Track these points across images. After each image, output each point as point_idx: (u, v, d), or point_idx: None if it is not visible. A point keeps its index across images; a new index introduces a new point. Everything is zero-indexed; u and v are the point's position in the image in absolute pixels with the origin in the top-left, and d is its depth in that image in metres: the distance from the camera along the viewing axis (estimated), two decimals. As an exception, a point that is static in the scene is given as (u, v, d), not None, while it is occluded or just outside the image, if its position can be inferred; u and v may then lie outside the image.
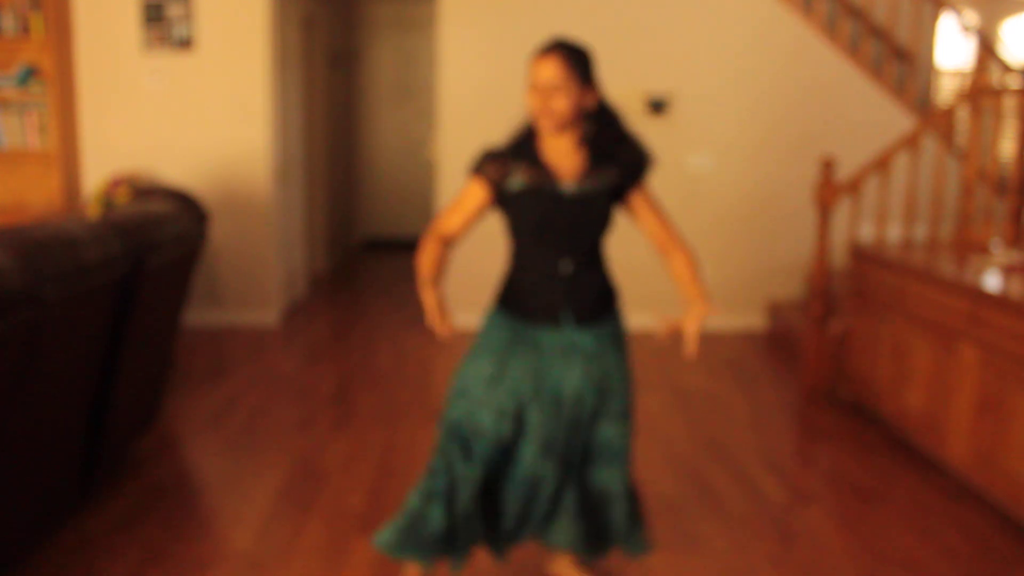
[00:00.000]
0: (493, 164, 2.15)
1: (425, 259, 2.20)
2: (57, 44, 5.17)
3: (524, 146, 2.16)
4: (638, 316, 6.01)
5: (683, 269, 2.29)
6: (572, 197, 2.13)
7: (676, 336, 2.27)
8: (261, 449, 3.62)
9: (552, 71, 2.06)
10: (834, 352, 4.35)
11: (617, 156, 2.18)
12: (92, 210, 4.78)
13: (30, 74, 5.22)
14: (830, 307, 4.49)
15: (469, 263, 5.61)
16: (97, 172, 5.43)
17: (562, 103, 2.07)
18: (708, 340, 5.47)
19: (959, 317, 3.30)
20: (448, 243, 2.27)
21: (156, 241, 3.02)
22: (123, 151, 5.42)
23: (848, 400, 4.30)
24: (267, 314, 5.63)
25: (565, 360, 2.19)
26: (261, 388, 4.39)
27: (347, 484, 3.27)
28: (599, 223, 2.18)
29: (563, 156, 2.15)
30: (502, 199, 2.17)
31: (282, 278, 5.79)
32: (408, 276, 7.42)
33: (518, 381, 2.18)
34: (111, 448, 3.08)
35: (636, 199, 2.25)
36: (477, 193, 2.19)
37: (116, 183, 4.92)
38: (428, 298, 2.13)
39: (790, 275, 5.68)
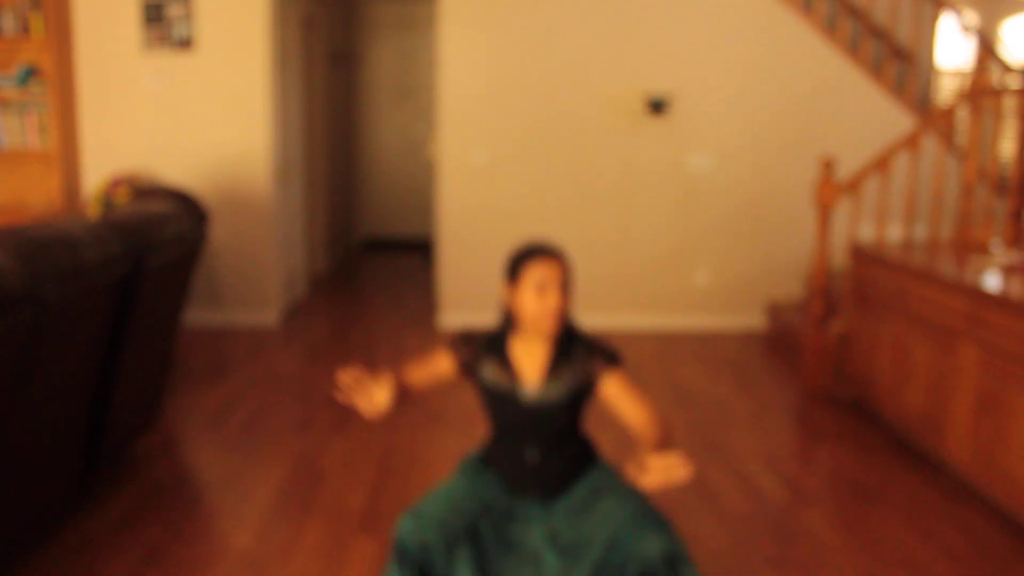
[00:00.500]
0: (468, 348, 2.16)
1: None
2: (57, 44, 5.17)
3: (497, 341, 2.14)
4: (638, 316, 6.02)
5: (654, 429, 2.04)
6: (533, 404, 2.09)
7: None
8: (261, 449, 3.62)
9: (557, 272, 2.05)
10: (834, 352, 4.35)
11: (577, 353, 2.10)
12: (92, 210, 4.78)
13: (30, 74, 5.22)
14: (830, 307, 4.49)
15: (460, 264, 5.63)
16: (97, 172, 5.43)
17: (566, 304, 2.07)
18: (708, 340, 5.48)
19: (959, 317, 3.30)
20: (405, 391, 2.16)
21: (156, 241, 3.02)
22: (123, 151, 5.43)
23: (848, 400, 4.30)
24: (267, 314, 5.63)
25: (546, 527, 2.06)
26: (261, 388, 4.39)
27: (347, 484, 3.27)
28: (562, 422, 2.11)
29: (533, 355, 2.12)
30: (473, 377, 2.18)
31: (282, 278, 5.80)
32: (408, 276, 7.43)
33: (474, 505, 2.05)
34: (111, 448, 3.08)
35: (609, 386, 2.09)
36: (445, 364, 2.20)
37: (116, 183, 4.92)
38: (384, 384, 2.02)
39: (790, 275, 5.68)
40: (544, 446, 2.11)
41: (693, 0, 5.47)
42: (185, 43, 5.31)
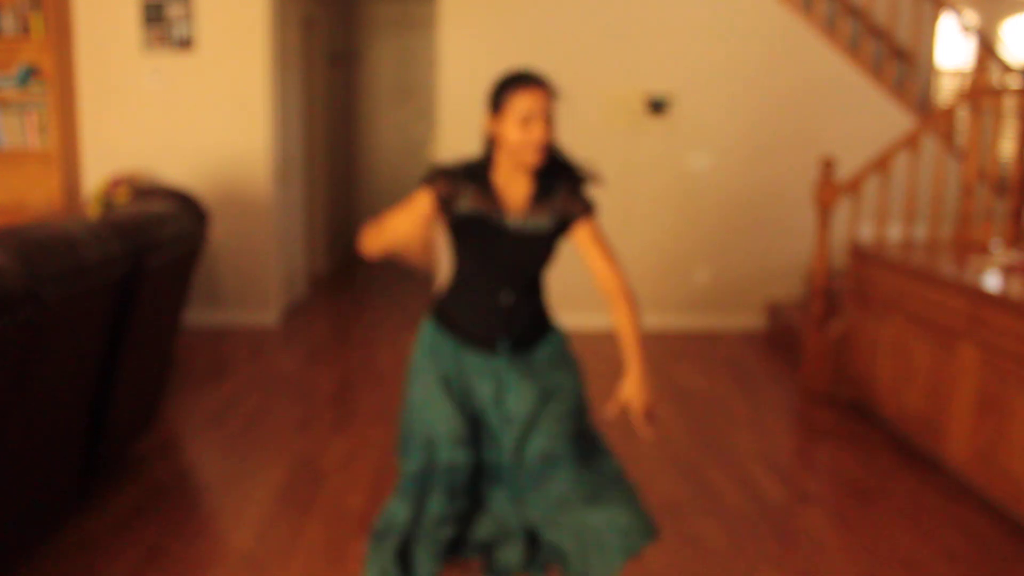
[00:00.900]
0: (444, 180, 2.08)
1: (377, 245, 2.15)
2: (57, 44, 5.17)
3: (478, 170, 2.10)
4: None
5: (625, 323, 2.07)
6: (516, 232, 2.05)
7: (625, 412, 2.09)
8: (261, 449, 3.62)
9: (543, 102, 2.01)
10: (834, 352, 4.35)
11: (558, 188, 2.07)
12: (92, 210, 4.78)
13: (30, 74, 5.22)
14: (830, 307, 4.49)
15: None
16: (97, 172, 5.43)
17: (550, 134, 2.02)
18: (708, 340, 5.48)
19: (959, 317, 3.30)
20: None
21: (156, 241, 3.02)
22: (123, 151, 5.43)
23: (848, 400, 4.30)
24: (267, 314, 5.63)
25: (498, 383, 2.10)
26: (261, 388, 4.39)
27: (347, 484, 3.28)
28: (541, 258, 2.09)
29: (511, 184, 2.08)
30: (449, 220, 2.10)
31: (282, 278, 5.79)
32: (408, 276, 7.42)
33: (461, 396, 2.12)
34: (111, 448, 3.08)
35: (581, 232, 2.09)
36: (423, 203, 2.10)
37: (116, 183, 4.92)
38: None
39: (790, 275, 5.68)
40: (519, 288, 2.09)
41: (693, 0, 5.47)
42: (185, 43, 5.31)
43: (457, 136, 5.54)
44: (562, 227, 2.08)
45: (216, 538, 2.90)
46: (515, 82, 2.05)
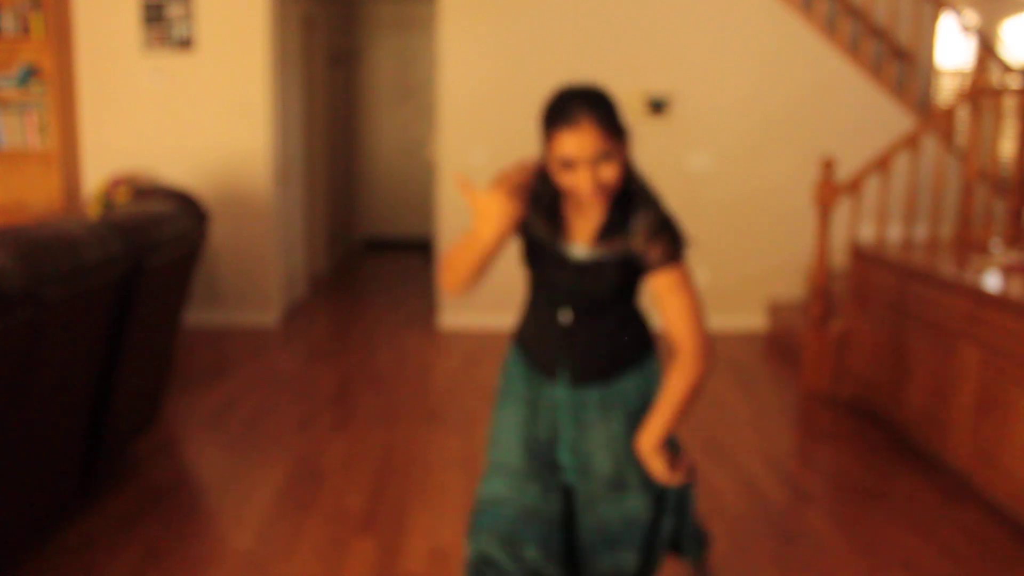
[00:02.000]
0: (521, 199, 1.80)
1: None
2: (57, 44, 5.17)
3: (547, 195, 1.80)
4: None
5: (677, 384, 1.80)
6: (578, 263, 1.80)
7: None
8: (261, 449, 3.62)
9: (591, 142, 1.64)
10: (834, 352, 4.35)
11: (635, 225, 1.76)
12: (92, 210, 4.78)
13: (30, 74, 5.22)
14: (830, 307, 4.49)
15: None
16: (97, 172, 5.43)
17: (612, 172, 1.68)
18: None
19: (959, 317, 3.30)
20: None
21: (156, 241, 3.02)
22: (123, 151, 5.43)
23: (848, 400, 4.30)
24: (267, 314, 5.63)
25: (564, 421, 1.90)
26: (261, 388, 4.39)
27: (347, 484, 3.27)
28: (606, 289, 1.82)
29: (584, 218, 1.80)
30: (524, 238, 1.89)
31: (282, 278, 5.79)
32: (408, 276, 7.43)
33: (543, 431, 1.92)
34: (111, 448, 3.08)
35: (659, 284, 1.77)
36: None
37: (116, 183, 4.92)
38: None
39: (790, 275, 5.68)
40: (581, 308, 1.84)
41: (693, 0, 5.47)
42: (185, 43, 5.31)
43: (457, 136, 5.54)
44: (637, 269, 1.81)
45: (216, 538, 2.90)
46: (558, 117, 1.67)
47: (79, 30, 5.33)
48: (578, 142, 1.64)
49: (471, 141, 5.54)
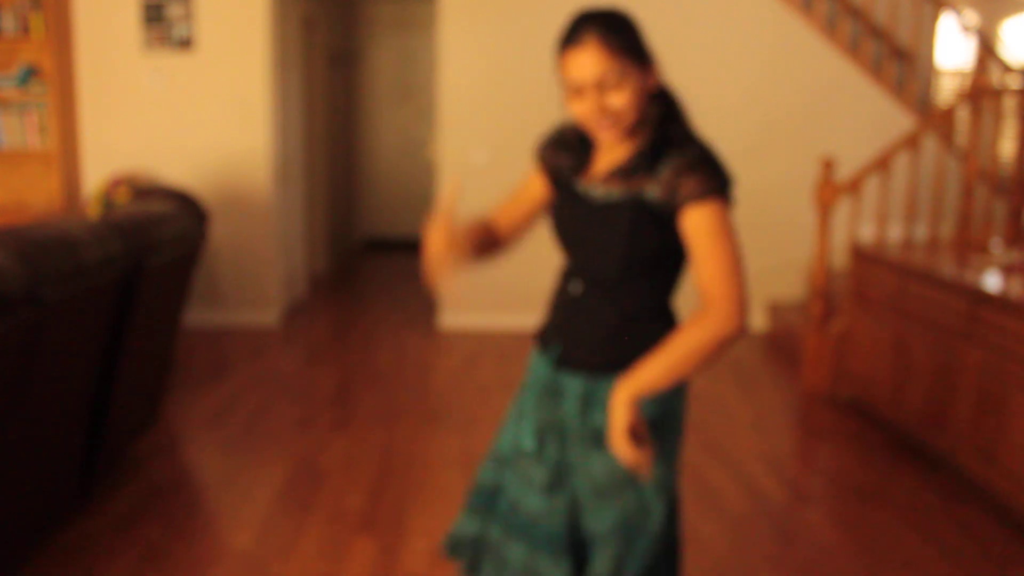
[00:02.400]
0: (555, 150, 1.67)
1: None
2: (57, 44, 5.17)
3: (572, 137, 1.67)
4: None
5: (688, 337, 1.47)
6: (591, 204, 1.57)
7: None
8: (261, 449, 3.62)
9: (594, 62, 1.47)
10: (834, 352, 4.35)
11: (672, 160, 1.49)
12: (92, 210, 4.78)
13: (30, 74, 5.22)
14: (830, 307, 4.49)
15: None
16: (97, 172, 5.43)
17: (622, 99, 1.49)
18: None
19: (959, 317, 3.30)
20: (492, 226, 1.75)
21: (156, 241, 3.02)
22: (123, 151, 5.43)
23: (848, 400, 4.30)
24: (267, 314, 5.63)
25: (530, 399, 1.68)
26: (261, 388, 4.39)
27: (347, 484, 3.27)
28: (616, 242, 1.52)
29: (610, 152, 1.61)
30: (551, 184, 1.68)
31: (282, 278, 5.79)
32: (408, 276, 7.43)
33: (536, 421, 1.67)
34: (111, 448, 3.08)
35: (688, 227, 1.48)
36: (536, 183, 1.72)
37: (116, 183, 4.92)
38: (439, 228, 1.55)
39: (790, 275, 5.68)
40: (589, 272, 1.59)
41: (693, 1, 5.47)
42: (185, 43, 5.31)
43: (457, 136, 5.54)
44: (662, 216, 1.50)
45: (216, 538, 2.90)
46: (565, 38, 1.54)
47: (79, 30, 5.33)
48: (581, 63, 1.48)
49: (471, 141, 5.54)
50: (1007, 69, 5.23)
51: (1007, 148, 5.24)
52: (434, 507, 3.08)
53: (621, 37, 1.49)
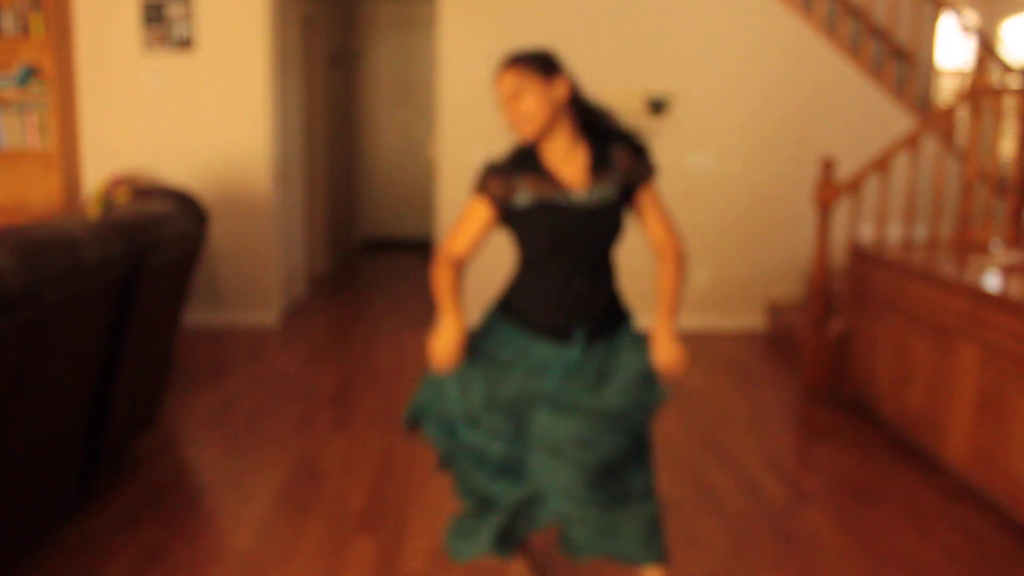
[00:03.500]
0: (496, 180, 2.06)
1: (442, 284, 2.13)
2: (57, 44, 5.17)
3: (526, 158, 2.07)
4: (638, 316, 6.01)
5: (669, 281, 2.18)
6: (584, 207, 2.03)
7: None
8: (261, 449, 3.62)
9: (508, 80, 2.02)
10: (834, 352, 4.35)
11: (616, 154, 2.08)
12: (92, 210, 4.78)
13: (30, 74, 5.22)
14: (830, 307, 4.49)
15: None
16: (97, 172, 5.43)
17: (529, 102, 2.00)
18: (708, 340, 5.47)
19: (959, 317, 3.30)
20: (458, 265, 2.16)
21: (156, 241, 3.02)
22: (123, 151, 5.43)
23: (848, 400, 4.30)
24: (267, 314, 5.63)
25: (571, 378, 2.11)
26: (261, 388, 4.39)
27: (347, 484, 3.28)
28: (612, 231, 2.07)
29: (565, 160, 2.06)
30: (509, 216, 2.08)
31: (282, 278, 5.79)
32: (408, 276, 7.43)
33: (511, 398, 2.14)
34: (111, 448, 3.08)
35: (644, 198, 2.12)
36: (481, 212, 2.09)
37: (116, 183, 4.92)
38: (450, 328, 2.10)
39: (790, 275, 5.68)
40: (590, 269, 2.08)
41: (693, 0, 5.47)
42: (185, 43, 5.31)
43: (457, 136, 5.54)
44: (626, 195, 2.09)
45: (216, 538, 2.90)
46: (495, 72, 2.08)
47: (79, 30, 5.33)
48: (499, 84, 2.03)
49: (471, 141, 5.54)
50: (1007, 69, 5.23)
51: (1007, 148, 5.23)
52: (434, 507, 3.08)
53: (524, 61, 2.02)
